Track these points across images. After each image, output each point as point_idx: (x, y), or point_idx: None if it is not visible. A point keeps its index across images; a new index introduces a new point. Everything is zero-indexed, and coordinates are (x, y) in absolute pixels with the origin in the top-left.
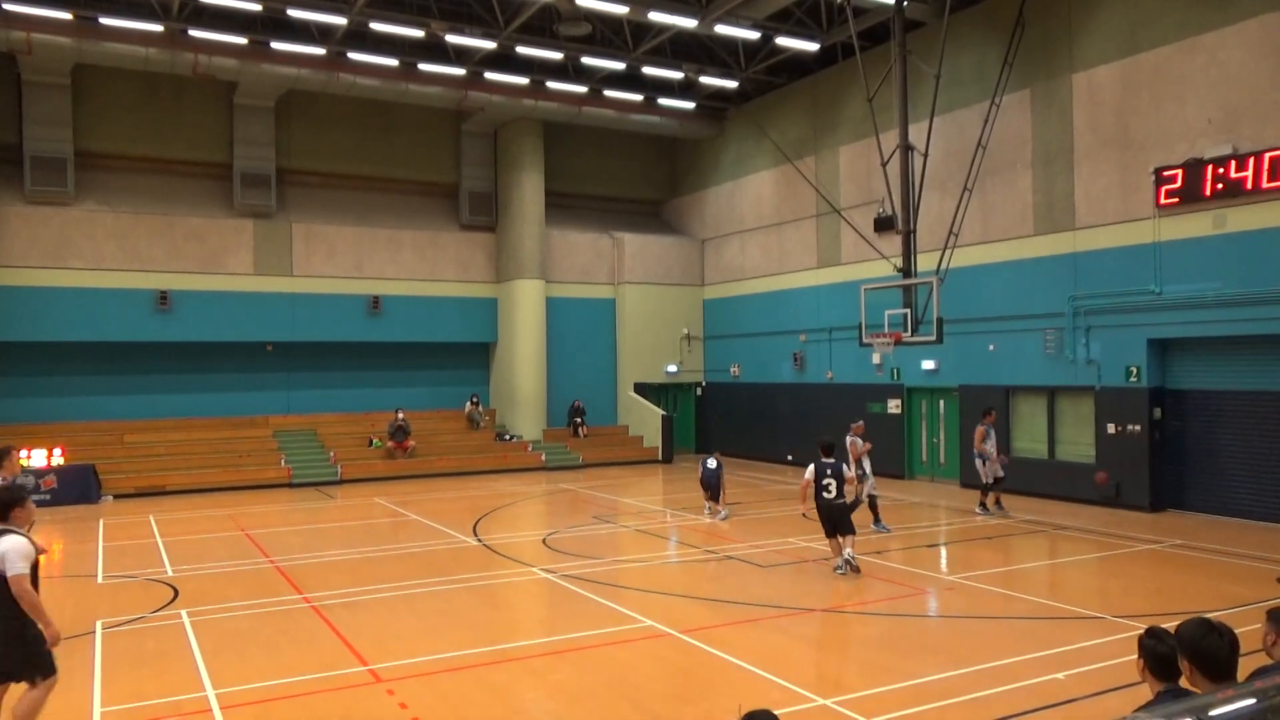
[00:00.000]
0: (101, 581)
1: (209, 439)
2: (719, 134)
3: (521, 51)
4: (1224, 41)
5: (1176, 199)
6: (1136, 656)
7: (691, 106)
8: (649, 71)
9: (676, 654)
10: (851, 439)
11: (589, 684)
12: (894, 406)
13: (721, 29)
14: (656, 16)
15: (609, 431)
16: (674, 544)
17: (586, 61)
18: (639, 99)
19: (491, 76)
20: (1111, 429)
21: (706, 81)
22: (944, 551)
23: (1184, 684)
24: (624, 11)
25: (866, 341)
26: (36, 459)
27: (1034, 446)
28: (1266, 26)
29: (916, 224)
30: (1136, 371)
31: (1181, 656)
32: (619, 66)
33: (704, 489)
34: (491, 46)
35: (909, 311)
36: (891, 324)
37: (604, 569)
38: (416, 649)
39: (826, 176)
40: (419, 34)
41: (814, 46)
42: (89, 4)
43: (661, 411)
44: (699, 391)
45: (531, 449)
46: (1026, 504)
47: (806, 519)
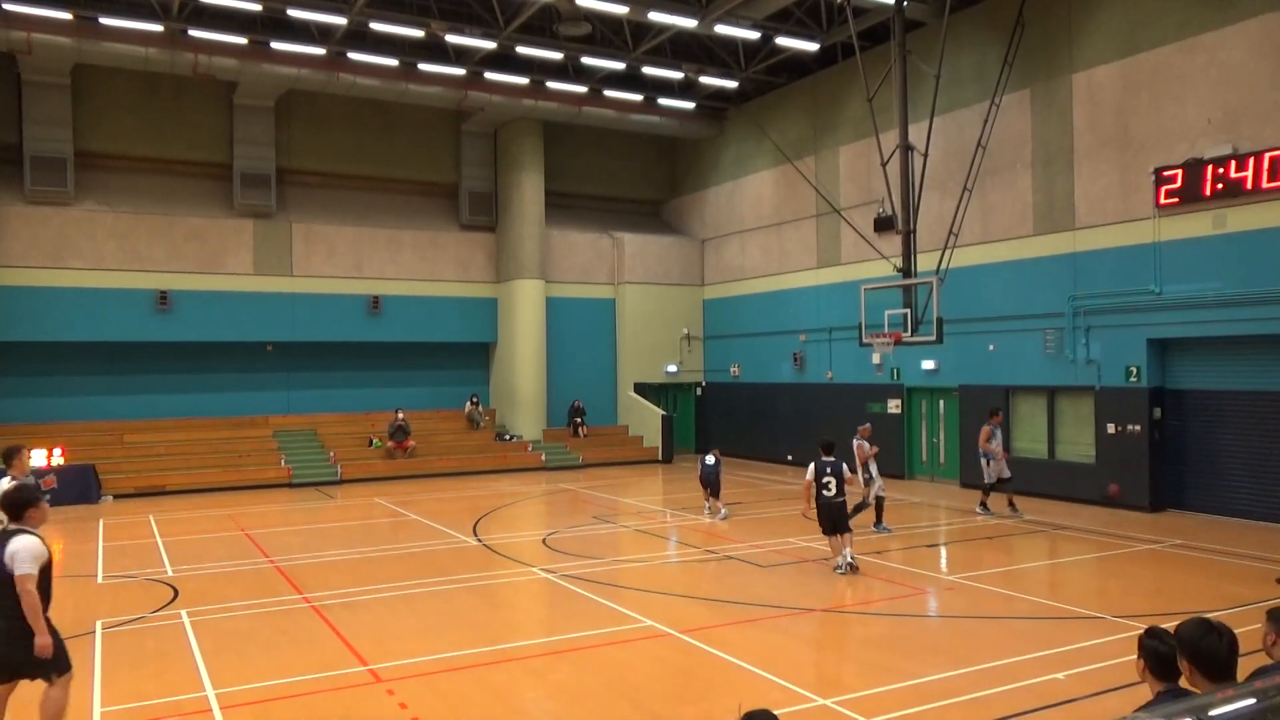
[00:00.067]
0: (101, 581)
1: (209, 439)
2: (719, 134)
3: (521, 51)
4: (1224, 41)
5: (1176, 199)
6: (1136, 656)
7: (691, 106)
8: (649, 71)
9: (676, 654)
10: (858, 442)
11: (589, 684)
12: (894, 406)
13: (721, 29)
14: (656, 16)
15: (609, 431)
16: (674, 544)
17: (586, 61)
18: (639, 99)
19: (491, 76)
20: (1111, 429)
21: (706, 81)
22: (944, 551)
23: (1184, 684)
24: (624, 11)
25: (866, 341)
26: (36, 459)
27: (1034, 446)
28: (1266, 26)
29: (916, 224)
30: (1136, 371)
31: (1181, 656)
32: (619, 66)
33: (704, 486)
34: (491, 46)
35: (909, 311)
36: (891, 324)
37: (604, 569)
38: (416, 649)
39: (826, 176)
40: (419, 34)
41: (814, 46)
42: (89, 4)
43: (661, 411)
44: (699, 391)
45: (531, 449)
46: (1026, 504)
47: (806, 519)
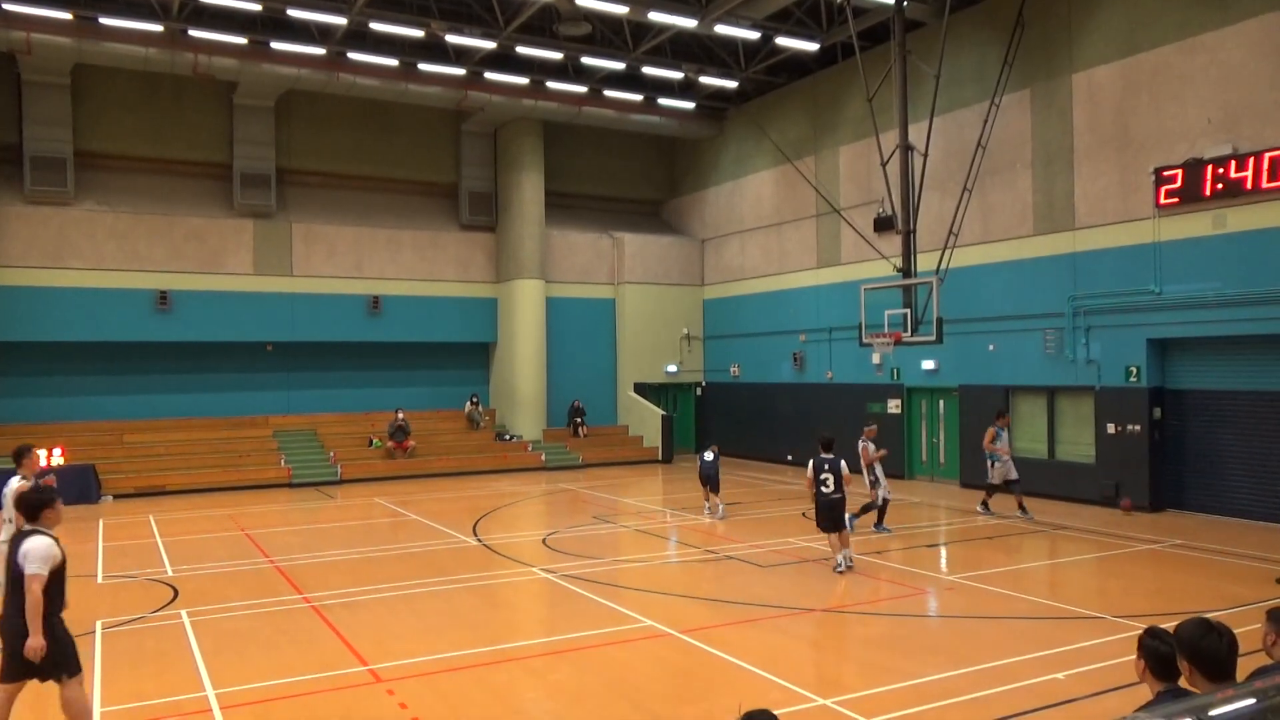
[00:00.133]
0: (101, 581)
1: (209, 439)
2: (719, 134)
3: (521, 51)
4: (1224, 41)
5: (1176, 199)
6: (1136, 656)
7: (691, 106)
8: (649, 71)
9: (676, 654)
10: (864, 443)
11: (589, 684)
12: (894, 406)
13: (721, 29)
14: (656, 16)
15: (609, 431)
16: (674, 544)
17: (586, 61)
18: (639, 99)
19: (491, 76)
20: (1111, 429)
21: (706, 81)
22: (944, 551)
23: (1183, 684)
24: (624, 11)
25: (866, 341)
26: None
27: (1034, 446)
28: (1266, 26)
29: (916, 224)
30: (1136, 371)
31: (1180, 657)
32: (619, 66)
33: (703, 483)
34: (491, 46)
35: (909, 311)
36: (891, 324)
37: (604, 569)
38: (416, 649)
39: (826, 176)
40: (419, 34)
41: (814, 46)
42: (89, 4)
43: (661, 411)
44: (699, 391)
45: (531, 449)
46: (1026, 504)
47: (806, 518)
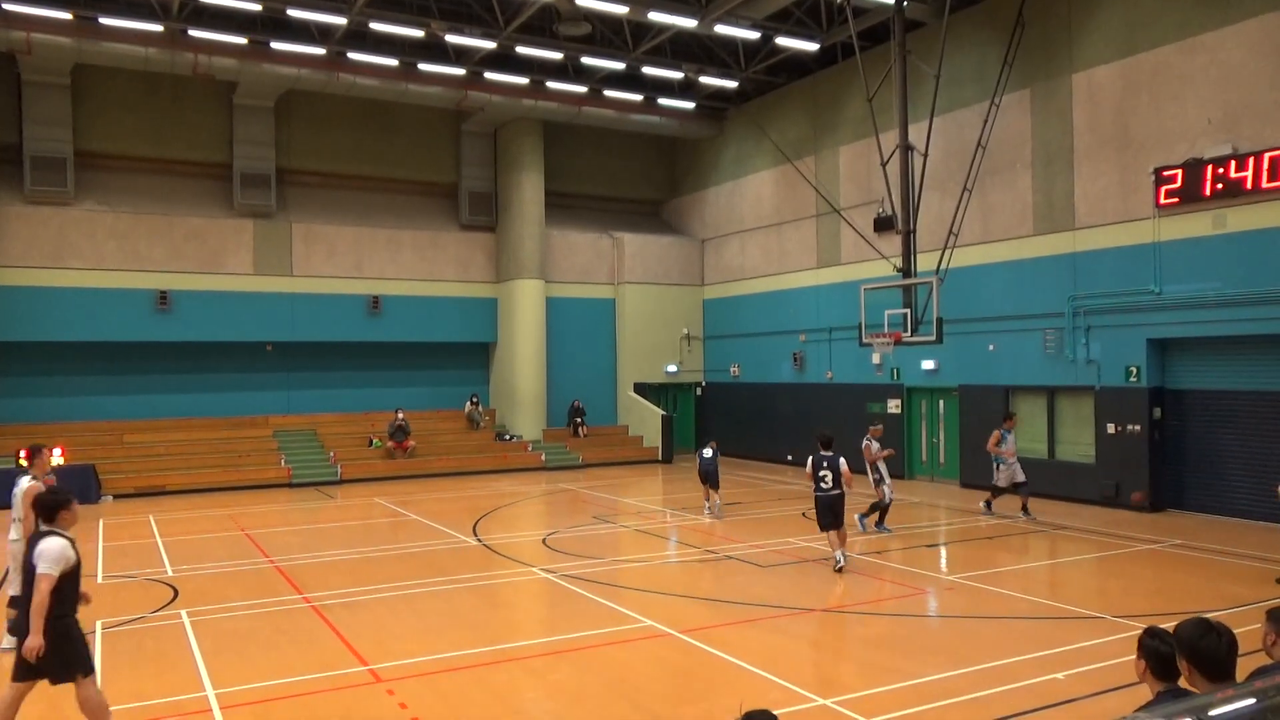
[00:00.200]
0: (101, 581)
1: (209, 439)
2: (719, 134)
3: (521, 51)
4: (1224, 41)
5: (1176, 199)
6: (1136, 656)
7: (691, 106)
8: (649, 71)
9: (676, 654)
10: (868, 442)
11: (589, 684)
12: (894, 406)
13: (721, 29)
14: (656, 16)
15: (609, 431)
16: (674, 544)
17: (586, 61)
18: (639, 99)
19: (491, 76)
20: (1111, 429)
21: (706, 81)
22: (944, 551)
23: (1183, 684)
24: (624, 11)
25: (866, 341)
26: None
27: (1034, 446)
28: (1266, 26)
29: (916, 224)
30: (1136, 371)
31: (1180, 656)
32: (619, 66)
33: (703, 481)
34: (491, 46)
35: (909, 311)
36: (891, 324)
37: (604, 569)
38: (416, 649)
39: (826, 176)
40: (419, 34)
41: (814, 46)
42: (89, 4)
43: (661, 411)
44: (699, 391)
45: (531, 449)
46: (1030, 506)
47: (806, 518)
